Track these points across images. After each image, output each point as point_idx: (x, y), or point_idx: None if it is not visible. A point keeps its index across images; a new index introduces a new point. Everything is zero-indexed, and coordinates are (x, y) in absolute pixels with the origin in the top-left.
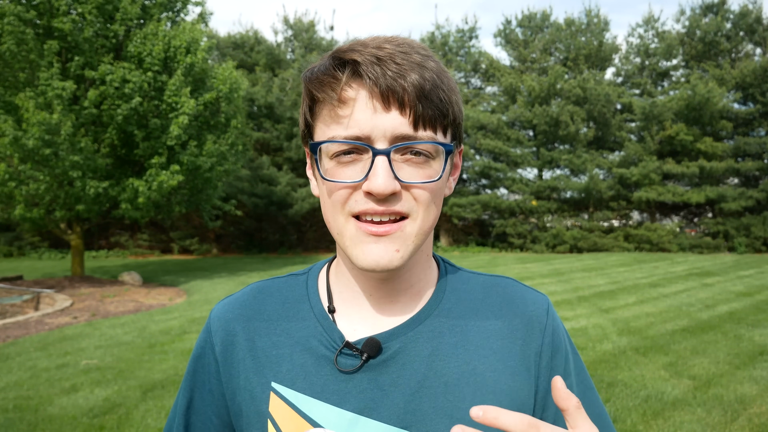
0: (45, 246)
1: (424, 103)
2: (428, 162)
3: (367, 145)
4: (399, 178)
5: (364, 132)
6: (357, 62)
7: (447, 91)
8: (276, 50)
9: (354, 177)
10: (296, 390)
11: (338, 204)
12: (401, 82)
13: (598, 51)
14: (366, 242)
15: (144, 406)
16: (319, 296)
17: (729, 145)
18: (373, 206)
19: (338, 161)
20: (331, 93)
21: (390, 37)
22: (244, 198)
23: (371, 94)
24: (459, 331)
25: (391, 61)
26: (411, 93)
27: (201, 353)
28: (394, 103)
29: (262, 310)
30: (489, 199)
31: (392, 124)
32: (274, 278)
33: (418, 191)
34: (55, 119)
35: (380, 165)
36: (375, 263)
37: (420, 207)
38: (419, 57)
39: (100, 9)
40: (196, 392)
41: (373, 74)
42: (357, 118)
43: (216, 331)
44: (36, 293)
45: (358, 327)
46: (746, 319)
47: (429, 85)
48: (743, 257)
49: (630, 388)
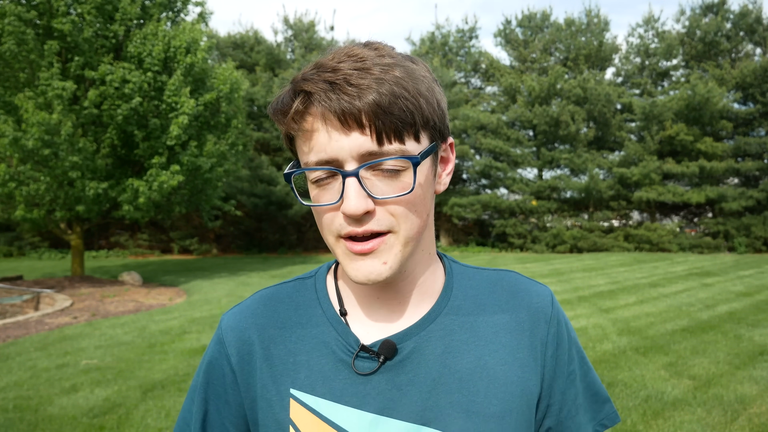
0: (45, 246)
1: (384, 119)
2: (399, 174)
3: (336, 169)
4: (372, 194)
5: (330, 156)
6: (310, 92)
7: (412, 98)
8: (276, 50)
9: (332, 200)
10: (316, 395)
11: (326, 227)
12: (356, 104)
13: (598, 51)
14: (355, 260)
15: (144, 406)
16: (329, 300)
17: (729, 145)
18: (353, 228)
19: (318, 186)
20: (293, 125)
21: (353, 50)
22: (243, 198)
23: (327, 120)
24: (469, 328)
25: (345, 84)
26: (368, 112)
27: (215, 364)
28: (353, 124)
29: (274, 317)
30: (489, 199)
31: (355, 143)
32: (281, 284)
33: (394, 206)
34: (55, 119)
35: (350, 186)
36: (365, 278)
37: (399, 220)
38: (379, 70)
39: (99, 9)
40: (212, 404)
41: (326, 101)
42: (321, 144)
43: (230, 342)
44: (36, 293)
45: (371, 330)
46: (746, 319)
47: (387, 99)
48: (743, 257)
49: (630, 388)
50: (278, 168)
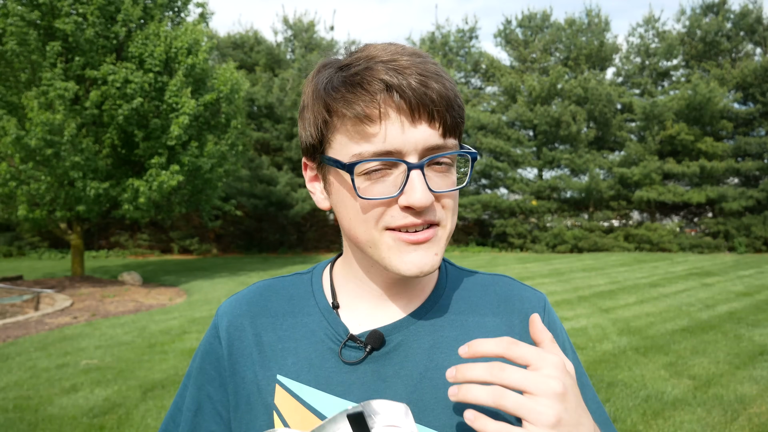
0: (45, 246)
1: (451, 113)
2: (450, 169)
3: (400, 160)
4: (431, 188)
5: (395, 147)
6: (382, 76)
7: (461, 98)
8: (276, 50)
9: (387, 192)
10: (301, 382)
11: (372, 220)
12: (429, 94)
13: (599, 51)
14: (407, 251)
15: (144, 406)
16: (323, 293)
17: (729, 144)
18: (412, 219)
19: (369, 177)
20: (358, 109)
21: (397, 47)
22: (243, 199)
23: (399, 108)
24: (459, 326)
25: (414, 73)
26: (439, 104)
27: (209, 349)
28: (424, 115)
29: (268, 306)
30: (489, 198)
31: (422, 136)
32: (279, 277)
33: (446, 199)
34: (59, 119)
35: (417, 179)
36: (419, 269)
37: (448, 213)
38: (434, 66)
39: (101, 10)
40: (205, 388)
41: (401, 89)
42: (387, 134)
43: (223, 327)
44: (36, 293)
45: (362, 321)
46: (746, 319)
47: (452, 93)
48: (743, 257)
49: (630, 388)
50: (278, 168)
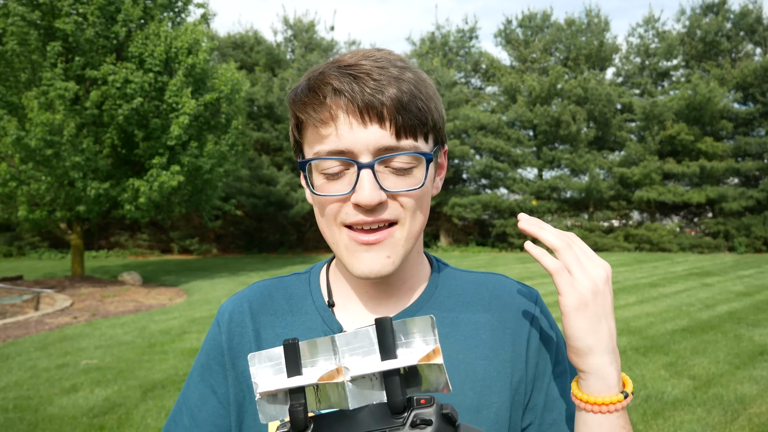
0: (45, 246)
1: (404, 115)
2: (411, 170)
3: (351, 160)
4: (384, 188)
5: (347, 147)
6: (335, 82)
7: (425, 100)
8: (276, 50)
9: (342, 190)
10: None
11: (331, 216)
12: (379, 97)
13: (599, 51)
14: (359, 251)
15: (144, 406)
16: (320, 292)
17: (729, 144)
18: (362, 217)
19: (327, 176)
20: (313, 114)
21: (369, 52)
22: (243, 198)
23: (350, 111)
24: (450, 323)
25: (369, 78)
26: (390, 106)
27: (212, 345)
28: (374, 117)
29: (268, 305)
30: (489, 199)
31: (373, 137)
32: (279, 277)
33: (404, 199)
34: (59, 120)
35: (365, 178)
36: (369, 271)
37: (407, 213)
38: (396, 70)
39: (102, 10)
40: (208, 380)
41: (350, 92)
42: (339, 135)
43: (225, 323)
44: (36, 293)
45: (356, 319)
46: (746, 319)
47: (407, 96)
48: (743, 257)
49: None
50: (278, 168)
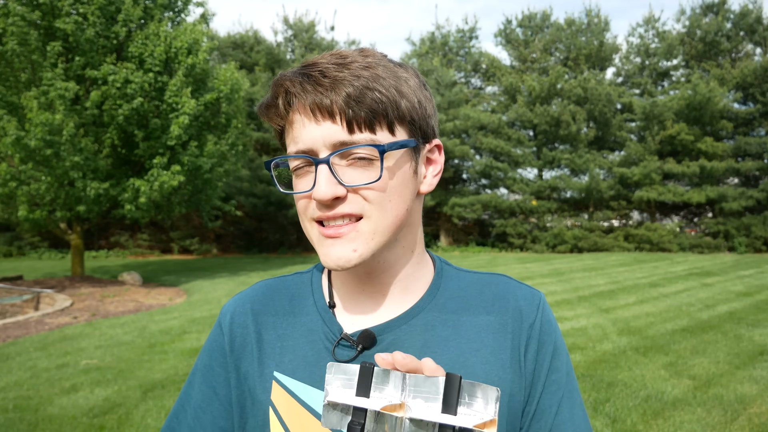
0: (45, 246)
1: (355, 108)
2: (372, 163)
3: (308, 156)
4: (342, 182)
5: (307, 146)
6: (286, 84)
7: (386, 92)
8: (276, 50)
9: (306, 187)
10: (296, 379)
11: (302, 212)
12: (328, 95)
13: (599, 51)
14: (326, 245)
15: (144, 406)
16: (322, 292)
17: (729, 144)
18: (324, 212)
19: (296, 174)
20: (277, 120)
21: (337, 51)
22: (243, 199)
23: (301, 110)
24: (451, 325)
25: (320, 76)
26: (338, 101)
27: (214, 346)
28: (324, 113)
29: (270, 305)
30: (489, 198)
31: (327, 133)
32: (281, 276)
33: (367, 192)
34: (59, 120)
35: (320, 174)
36: (334, 263)
37: (373, 206)
38: (357, 66)
39: (102, 10)
40: (211, 381)
41: (300, 93)
42: (297, 135)
43: (227, 324)
44: (36, 293)
45: (356, 321)
46: (746, 319)
47: (359, 90)
48: (743, 257)
49: (630, 388)
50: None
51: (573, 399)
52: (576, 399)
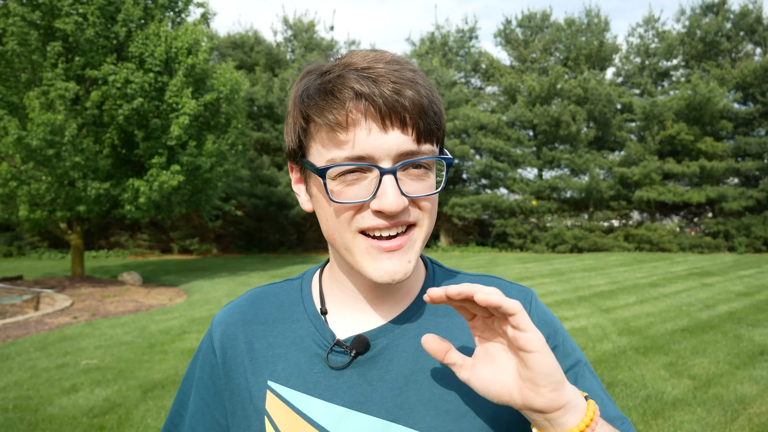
0: (45, 246)
1: (424, 119)
2: (427, 173)
3: (373, 165)
4: (405, 192)
5: (366, 153)
6: (355, 85)
7: (438, 105)
8: (276, 50)
9: (361, 196)
10: (290, 387)
11: (345, 222)
12: (401, 101)
13: (599, 51)
14: (380, 258)
15: (144, 406)
16: (312, 299)
17: (729, 144)
18: (382, 222)
19: (343, 181)
20: (329, 116)
21: (377, 55)
22: (243, 199)
23: (370, 115)
24: (444, 328)
25: (387, 81)
26: (411, 110)
27: (205, 359)
28: (396, 122)
29: (259, 314)
30: (489, 198)
31: (395, 142)
32: (271, 284)
33: (423, 202)
34: (60, 120)
35: (389, 184)
36: (390, 277)
37: (425, 215)
38: (410, 74)
39: (102, 10)
40: (203, 395)
41: (372, 96)
42: (358, 140)
43: (217, 336)
44: (36, 293)
45: (349, 326)
46: (746, 319)
47: (426, 100)
48: (743, 257)
49: (630, 388)
50: (279, 168)
51: (592, 379)
52: (594, 378)
